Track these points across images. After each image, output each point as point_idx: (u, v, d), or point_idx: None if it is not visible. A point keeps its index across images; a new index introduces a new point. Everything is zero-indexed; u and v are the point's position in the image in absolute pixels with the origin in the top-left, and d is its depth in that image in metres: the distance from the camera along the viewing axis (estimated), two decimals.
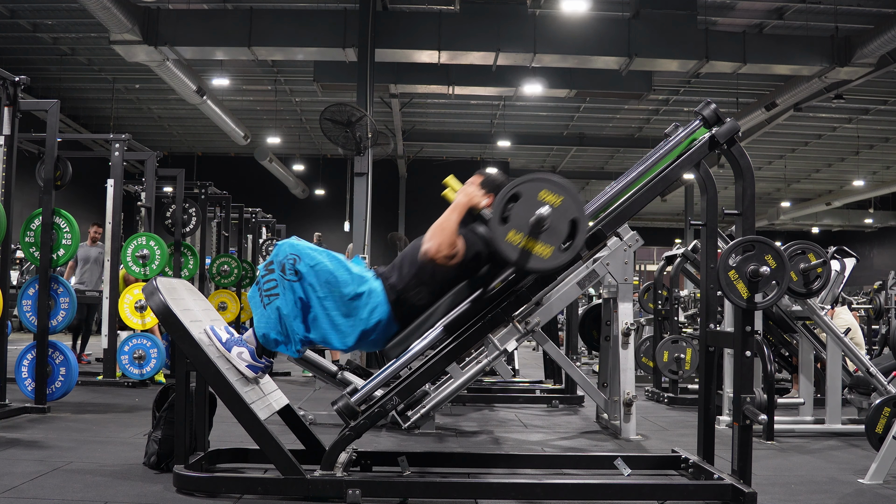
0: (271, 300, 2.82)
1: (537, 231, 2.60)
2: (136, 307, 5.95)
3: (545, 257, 2.63)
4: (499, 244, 2.62)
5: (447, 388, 3.01)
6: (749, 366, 2.88)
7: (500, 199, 2.62)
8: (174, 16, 10.98)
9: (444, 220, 2.81)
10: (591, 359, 9.63)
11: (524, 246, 2.61)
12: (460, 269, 2.86)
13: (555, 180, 2.66)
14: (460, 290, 2.88)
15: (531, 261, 2.63)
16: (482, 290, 2.88)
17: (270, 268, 2.85)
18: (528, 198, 2.62)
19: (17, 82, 4.60)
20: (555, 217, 2.61)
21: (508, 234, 2.61)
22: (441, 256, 2.76)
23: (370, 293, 2.83)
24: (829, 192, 24.28)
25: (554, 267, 2.67)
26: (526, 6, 11.09)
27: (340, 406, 2.79)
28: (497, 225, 2.62)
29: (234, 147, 18.89)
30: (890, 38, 10.17)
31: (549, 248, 2.62)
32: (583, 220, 2.65)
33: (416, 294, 2.86)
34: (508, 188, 2.64)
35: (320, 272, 2.81)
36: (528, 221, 2.60)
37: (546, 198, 2.62)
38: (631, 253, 4.43)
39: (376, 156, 9.55)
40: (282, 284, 2.81)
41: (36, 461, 3.23)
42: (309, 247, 2.89)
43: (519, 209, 2.61)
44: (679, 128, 3.07)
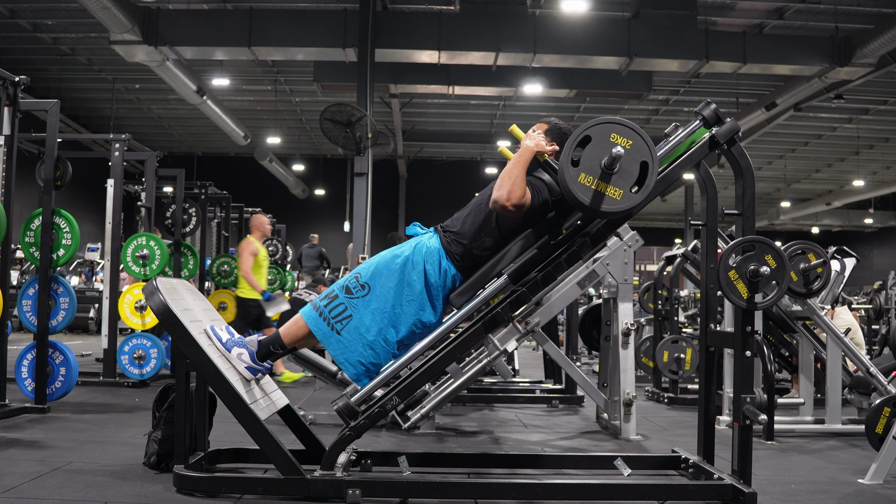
0: (345, 324, 2.84)
1: (609, 173, 2.61)
2: (136, 307, 5.95)
3: (617, 199, 2.63)
4: (571, 187, 2.61)
5: (447, 388, 3.01)
6: (749, 366, 2.88)
7: (572, 141, 2.63)
8: (174, 16, 10.98)
9: (512, 168, 2.82)
10: (591, 359, 9.63)
11: (596, 188, 2.61)
12: (526, 218, 2.88)
13: (625, 123, 2.66)
14: (527, 237, 2.90)
15: (604, 203, 2.62)
16: (548, 236, 2.89)
17: (333, 295, 2.89)
18: (599, 140, 2.62)
19: (17, 82, 4.60)
20: (626, 159, 2.61)
21: (580, 176, 2.61)
22: (511, 204, 2.77)
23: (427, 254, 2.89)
24: (829, 192, 24.29)
25: (626, 209, 2.66)
26: (526, 6, 11.09)
27: (340, 406, 2.79)
28: (568, 167, 2.61)
29: (234, 147, 18.90)
30: (890, 38, 10.18)
31: (619, 191, 2.63)
32: (654, 163, 2.64)
33: (479, 245, 2.90)
34: (580, 130, 2.64)
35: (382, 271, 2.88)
36: (599, 163, 2.60)
37: (617, 140, 2.62)
38: (631, 253, 4.43)
39: (376, 156, 9.56)
40: (351, 305, 2.85)
41: (36, 461, 3.23)
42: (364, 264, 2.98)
43: (590, 152, 2.62)
44: (679, 128, 3.06)
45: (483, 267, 2.90)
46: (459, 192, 21.05)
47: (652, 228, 26.98)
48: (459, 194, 22.36)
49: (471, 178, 21.09)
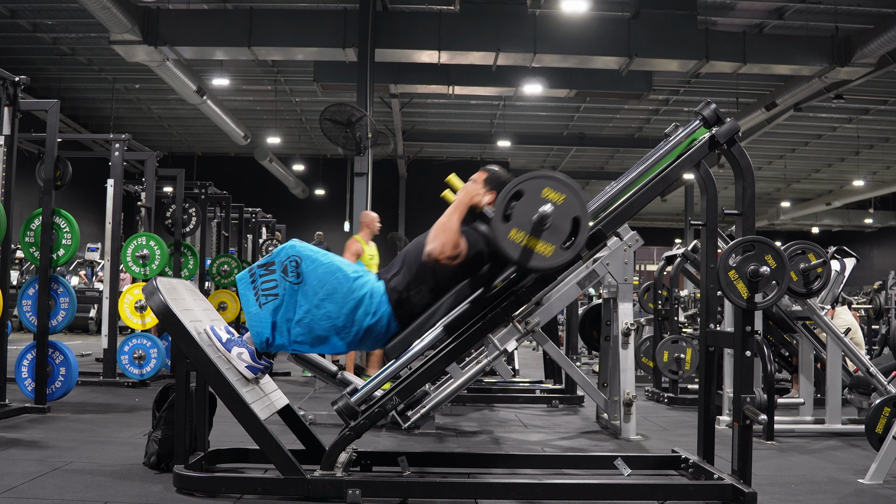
0: (268, 300, 2.81)
1: (539, 229, 2.60)
2: (136, 307, 5.95)
3: (547, 256, 2.62)
4: (501, 242, 2.61)
5: (447, 388, 3.01)
6: (749, 366, 2.88)
7: (503, 197, 2.61)
8: (174, 16, 10.98)
9: (447, 220, 2.81)
10: (591, 359, 9.63)
11: (526, 244, 2.60)
12: (462, 268, 2.86)
13: (558, 178, 2.65)
14: (462, 289, 2.87)
15: (533, 259, 2.62)
16: (483, 289, 2.88)
17: (271, 268, 2.84)
18: (531, 195, 2.61)
19: (17, 82, 4.60)
20: (557, 215, 2.60)
21: (510, 232, 2.60)
22: (444, 257, 2.76)
23: (371, 294, 2.83)
24: (829, 192, 24.29)
25: (556, 266, 2.67)
26: (526, 6, 11.09)
27: (340, 406, 2.79)
28: (499, 223, 2.61)
29: (234, 147, 18.89)
30: (890, 38, 10.18)
31: (550, 247, 2.62)
32: (585, 219, 2.64)
33: (416, 294, 2.86)
34: (511, 186, 2.63)
35: (322, 274, 2.81)
36: (530, 219, 2.59)
37: (549, 195, 2.61)
38: (631, 253, 4.43)
39: (376, 156, 9.57)
40: (282, 286, 2.80)
41: (36, 461, 3.23)
42: (310, 249, 2.89)
43: (521, 207, 2.60)
44: (679, 128, 3.06)
45: (420, 317, 2.85)
46: None
47: (652, 228, 27.01)
48: None
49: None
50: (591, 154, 20.93)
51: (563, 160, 21.60)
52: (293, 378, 7.15)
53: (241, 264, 8.78)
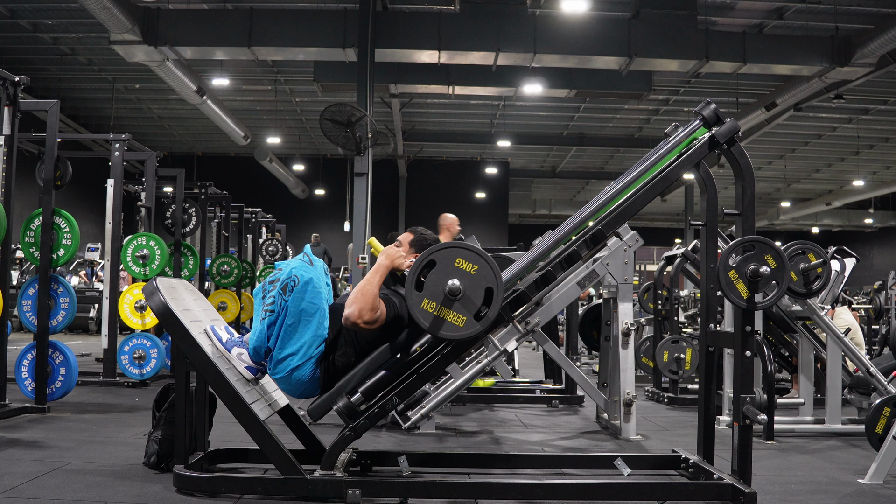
0: (265, 316, 2.84)
1: (451, 300, 2.62)
2: (136, 307, 5.95)
3: (459, 326, 2.64)
4: (413, 311, 2.64)
5: (447, 388, 3.01)
6: (749, 366, 2.88)
7: (416, 267, 2.64)
8: (174, 16, 10.98)
9: (366, 283, 2.82)
10: (591, 359, 9.63)
11: (438, 314, 2.63)
12: (381, 332, 2.86)
13: (471, 248, 2.66)
14: (381, 354, 2.86)
15: (443, 329, 2.64)
16: (401, 354, 2.87)
17: (275, 284, 2.87)
18: (444, 265, 2.63)
19: (17, 82, 4.60)
20: (470, 286, 2.62)
21: (423, 302, 2.62)
22: (363, 321, 2.77)
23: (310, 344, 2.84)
24: (829, 192, 24.30)
25: (467, 336, 2.68)
26: (526, 6, 11.09)
27: (340, 406, 2.79)
28: (412, 291, 2.62)
29: (234, 147, 18.90)
30: (890, 38, 10.18)
31: (462, 318, 2.64)
32: (498, 290, 2.65)
33: (340, 356, 2.87)
34: (424, 255, 2.65)
35: (302, 301, 2.82)
36: (441, 290, 2.62)
37: (462, 265, 2.63)
38: (631, 253, 4.42)
39: (376, 156, 9.56)
40: (278, 303, 2.84)
41: (36, 461, 3.23)
42: (313, 282, 2.86)
43: (434, 277, 2.63)
44: (679, 128, 3.06)
45: (341, 380, 2.85)
46: (459, 192, 21.15)
47: (652, 228, 27.03)
48: (459, 194, 22.45)
49: (471, 178, 21.11)
50: (591, 154, 20.94)
51: (563, 160, 21.61)
52: None
53: (241, 264, 8.79)
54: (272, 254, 11.09)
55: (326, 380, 2.87)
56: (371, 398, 2.79)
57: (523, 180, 23.63)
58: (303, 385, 2.86)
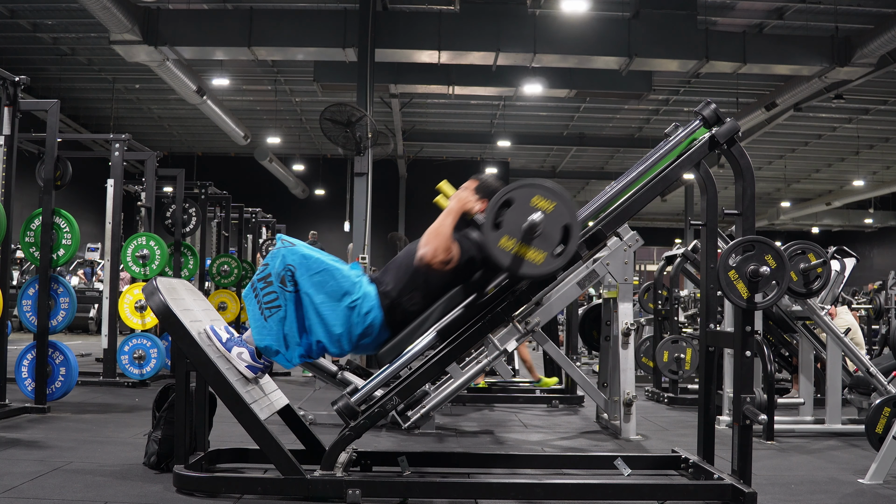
0: (273, 313, 2.81)
1: (529, 237, 2.60)
2: (136, 307, 5.95)
3: (537, 263, 2.63)
4: (491, 250, 2.62)
5: (447, 388, 3.01)
6: (749, 366, 2.88)
7: (493, 205, 2.62)
8: (174, 16, 10.98)
9: (439, 226, 2.82)
10: (591, 359, 9.63)
11: (516, 252, 2.61)
12: (454, 274, 2.86)
13: (547, 186, 2.65)
14: (454, 295, 2.88)
15: (523, 266, 2.63)
16: (476, 294, 2.88)
17: (269, 280, 2.83)
18: (521, 203, 2.62)
19: (17, 82, 4.59)
20: (547, 223, 2.61)
21: (501, 239, 2.61)
22: (437, 262, 2.78)
23: (364, 297, 2.83)
24: (829, 192, 24.29)
25: (546, 273, 2.68)
26: (526, 6, 11.09)
27: (340, 406, 2.79)
28: (489, 230, 2.61)
29: (234, 147, 18.90)
30: (890, 38, 10.18)
31: (541, 254, 2.62)
32: (575, 226, 2.64)
33: (409, 299, 2.87)
34: (501, 194, 2.64)
35: (317, 281, 2.81)
36: (520, 227, 2.60)
37: (539, 203, 2.62)
38: (631, 253, 4.43)
39: (376, 156, 9.56)
40: (282, 297, 2.81)
41: (36, 461, 3.23)
42: (304, 254, 2.86)
43: (511, 215, 2.61)
44: (679, 128, 3.06)
45: (412, 323, 2.85)
46: None
47: (652, 228, 27.01)
48: None
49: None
50: (591, 154, 20.93)
51: (563, 160, 21.60)
52: (293, 378, 7.15)
53: (241, 264, 8.79)
54: None
55: (395, 323, 2.86)
56: (445, 338, 2.81)
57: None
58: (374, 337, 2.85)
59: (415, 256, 2.85)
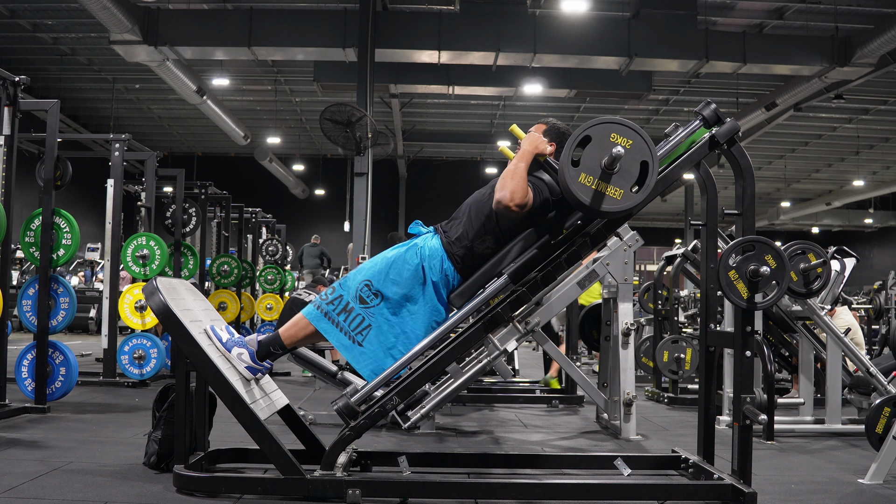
0: (365, 335, 2.85)
1: (609, 173, 2.61)
2: (136, 307, 5.95)
3: (618, 199, 2.63)
4: (571, 187, 2.61)
5: (447, 388, 3.01)
6: (749, 366, 2.88)
7: (572, 141, 2.63)
8: (174, 16, 10.98)
9: (514, 169, 2.83)
10: (591, 359, 9.63)
11: (596, 188, 2.62)
12: (527, 217, 2.89)
13: (625, 122, 2.66)
14: (528, 237, 2.90)
15: (604, 203, 2.62)
16: (549, 235, 2.90)
17: (349, 308, 2.87)
18: (599, 140, 2.62)
19: (17, 82, 4.59)
20: (626, 159, 2.61)
21: (580, 176, 2.61)
22: (514, 204, 2.78)
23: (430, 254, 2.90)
24: (829, 192, 24.30)
25: (626, 208, 2.66)
26: (526, 6, 11.09)
27: (340, 406, 2.79)
28: (568, 167, 2.61)
29: (234, 147, 18.90)
30: (890, 38, 10.18)
31: (620, 191, 2.63)
32: (654, 162, 2.64)
33: (480, 244, 2.91)
34: (580, 130, 2.64)
35: (393, 277, 2.88)
36: (600, 163, 2.61)
37: (617, 140, 2.62)
38: (631, 253, 4.43)
39: (376, 156, 9.56)
40: (368, 315, 2.86)
41: (36, 461, 3.23)
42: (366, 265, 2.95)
43: (590, 152, 2.62)
44: (679, 128, 3.06)
45: (483, 267, 2.91)
46: (459, 192, 20.98)
47: (652, 228, 27.00)
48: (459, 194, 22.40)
49: (471, 178, 21.08)
50: None
51: None
52: (293, 378, 7.15)
53: (241, 264, 8.79)
54: (272, 254, 11.08)
55: (467, 269, 2.91)
56: (518, 279, 2.84)
57: None
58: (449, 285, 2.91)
59: (487, 202, 2.89)
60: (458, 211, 3.05)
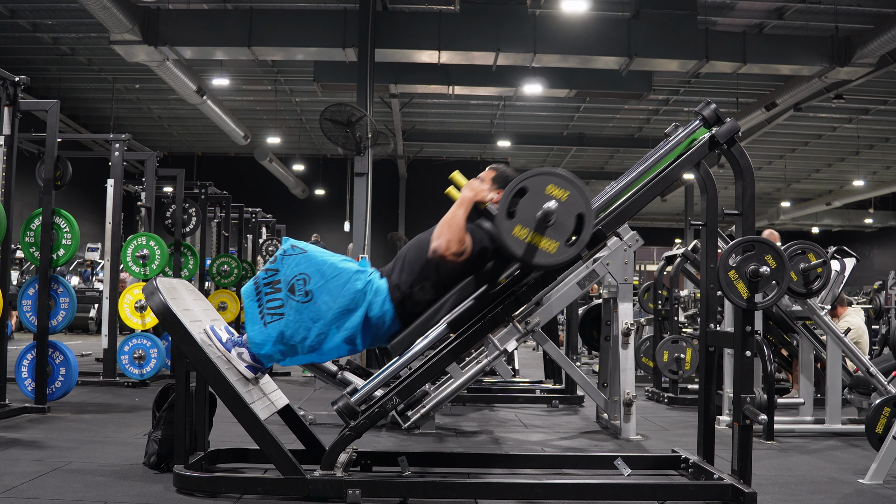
0: (274, 319, 2.80)
1: (543, 226, 2.60)
2: (136, 307, 5.95)
3: (551, 252, 2.62)
4: (505, 239, 2.61)
5: (447, 388, 3.01)
6: (749, 366, 2.88)
7: (507, 193, 2.62)
8: (174, 16, 10.97)
9: (452, 217, 2.81)
10: (591, 359, 9.63)
11: (530, 241, 2.61)
12: (466, 266, 2.85)
13: (562, 174, 2.65)
14: (465, 286, 2.86)
15: (537, 256, 2.62)
16: (487, 285, 2.87)
17: (277, 286, 2.81)
18: (535, 192, 2.61)
19: (17, 82, 4.60)
20: (561, 212, 2.61)
21: (514, 228, 2.60)
22: (450, 253, 2.77)
23: (376, 292, 2.83)
24: (829, 192, 24.29)
25: (560, 262, 2.67)
26: (526, 6, 11.08)
27: (340, 406, 2.79)
28: (503, 219, 2.61)
29: (234, 147, 18.89)
30: (890, 38, 10.17)
31: (554, 244, 2.62)
32: (589, 215, 2.64)
33: (419, 291, 2.86)
34: (515, 182, 2.63)
35: (333, 287, 2.80)
36: (534, 216, 2.59)
37: (553, 192, 2.61)
38: (631, 253, 4.43)
39: (376, 156, 9.55)
40: (288, 305, 2.79)
41: (36, 461, 3.23)
42: (317, 261, 2.84)
43: (525, 203, 2.61)
44: (679, 128, 3.06)
45: (423, 315, 2.84)
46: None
47: (652, 228, 27.00)
48: None
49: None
50: (591, 154, 20.93)
51: (563, 160, 21.59)
52: (293, 378, 7.15)
53: (241, 264, 8.79)
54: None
55: (406, 316, 2.85)
56: (457, 329, 2.80)
57: None
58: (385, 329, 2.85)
59: (427, 248, 2.84)
60: (398, 254, 3.00)
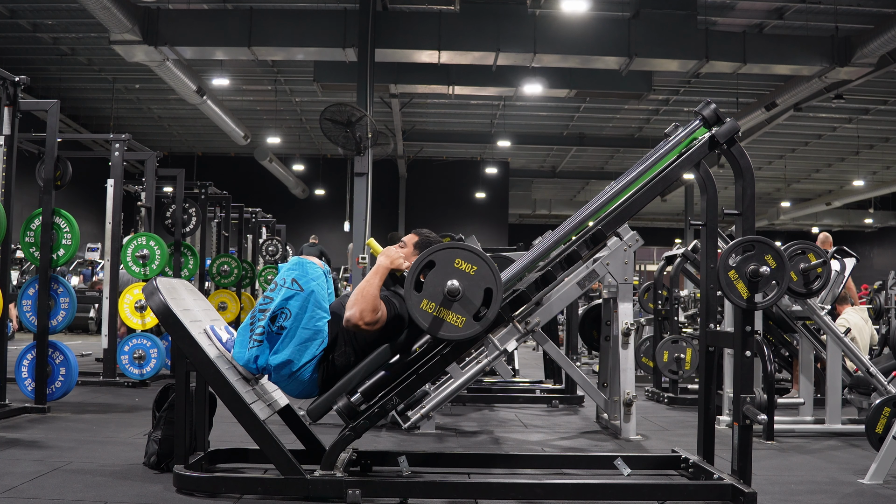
0: (253, 345, 2.82)
1: (450, 301, 2.62)
2: (136, 307, 5.95)
3: (458, 326, 2.64)
4: (413, 312, 2.64)
5: (447, 388, 3.01)
6: (749, 366, 2.88)
7: (415, 267, 2.64)
8: (174, 16, 10.98)
9: (366, 285, 2.81)
10: (591, 359, 9.63)
11: (437, 315, 2.63)
12: (382, 333, 2.86)
13: (470, 249, 2.66)
14: (380, 354, 2.85)
15: (443, 329, 2.64)
16: (401, 354, 2.87)
17: (264, 312, 2.83)
18: (443, 266, 2.63)
19: (17, 82, 4.59)
20: (469, 286, 2.62)
21: (422, 302, 2.62)
22: (364, 322, 2.76)
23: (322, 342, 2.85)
24: (829, 192, 24.29)
25: (465, 337, 2.68)
26: (526, 6, 11.09)
27: (340, 406, 2.79)
28: (411, 292, 2.63)
29: (234, 147, 18.89)
30: (890, 38, 10.18)
31: (461, 318, 2.64)
32: (497, 290, 2.65)
33: (341, 356, 2.86)
34: (422, 256, 2.65)
35: (301, 325, 2.81)
36: (441, 290, 2.62)
37: (461, 266, 2.63)
38: (631, 253, 4.42)
39: (376, 156, 9.55)
40: (267, 334, 2.82)
41: (36, 461, 3.23)
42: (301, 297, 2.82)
43: (433, 277, 2.63)
44: (679, 128, 3.06)
45: (340, 380, 2.83)
46: (459, 192, 21.17)
47: (652, 228, 27.01)
48: (459, 194, 22.48)
49: (471, 178, 21.11)
50: (591, 154, 20.94)
51: (563, 160, 21.60)
52: None
53: (241, 264, 8.79)
54: (272, 254, 11.09)
55: (325, 380, 2.86)
56: (371, 398, 2.79)
57: (523, 180, 23.64)
58: (302, 385, 2.86)
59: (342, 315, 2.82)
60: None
